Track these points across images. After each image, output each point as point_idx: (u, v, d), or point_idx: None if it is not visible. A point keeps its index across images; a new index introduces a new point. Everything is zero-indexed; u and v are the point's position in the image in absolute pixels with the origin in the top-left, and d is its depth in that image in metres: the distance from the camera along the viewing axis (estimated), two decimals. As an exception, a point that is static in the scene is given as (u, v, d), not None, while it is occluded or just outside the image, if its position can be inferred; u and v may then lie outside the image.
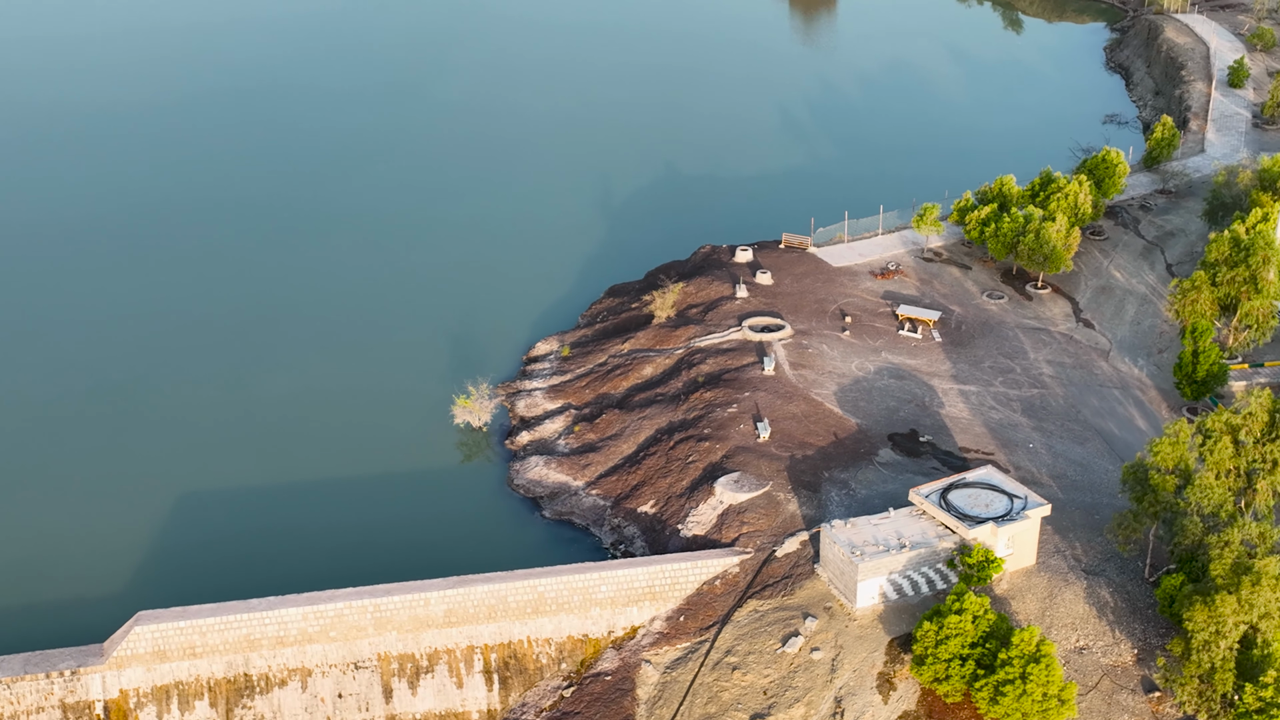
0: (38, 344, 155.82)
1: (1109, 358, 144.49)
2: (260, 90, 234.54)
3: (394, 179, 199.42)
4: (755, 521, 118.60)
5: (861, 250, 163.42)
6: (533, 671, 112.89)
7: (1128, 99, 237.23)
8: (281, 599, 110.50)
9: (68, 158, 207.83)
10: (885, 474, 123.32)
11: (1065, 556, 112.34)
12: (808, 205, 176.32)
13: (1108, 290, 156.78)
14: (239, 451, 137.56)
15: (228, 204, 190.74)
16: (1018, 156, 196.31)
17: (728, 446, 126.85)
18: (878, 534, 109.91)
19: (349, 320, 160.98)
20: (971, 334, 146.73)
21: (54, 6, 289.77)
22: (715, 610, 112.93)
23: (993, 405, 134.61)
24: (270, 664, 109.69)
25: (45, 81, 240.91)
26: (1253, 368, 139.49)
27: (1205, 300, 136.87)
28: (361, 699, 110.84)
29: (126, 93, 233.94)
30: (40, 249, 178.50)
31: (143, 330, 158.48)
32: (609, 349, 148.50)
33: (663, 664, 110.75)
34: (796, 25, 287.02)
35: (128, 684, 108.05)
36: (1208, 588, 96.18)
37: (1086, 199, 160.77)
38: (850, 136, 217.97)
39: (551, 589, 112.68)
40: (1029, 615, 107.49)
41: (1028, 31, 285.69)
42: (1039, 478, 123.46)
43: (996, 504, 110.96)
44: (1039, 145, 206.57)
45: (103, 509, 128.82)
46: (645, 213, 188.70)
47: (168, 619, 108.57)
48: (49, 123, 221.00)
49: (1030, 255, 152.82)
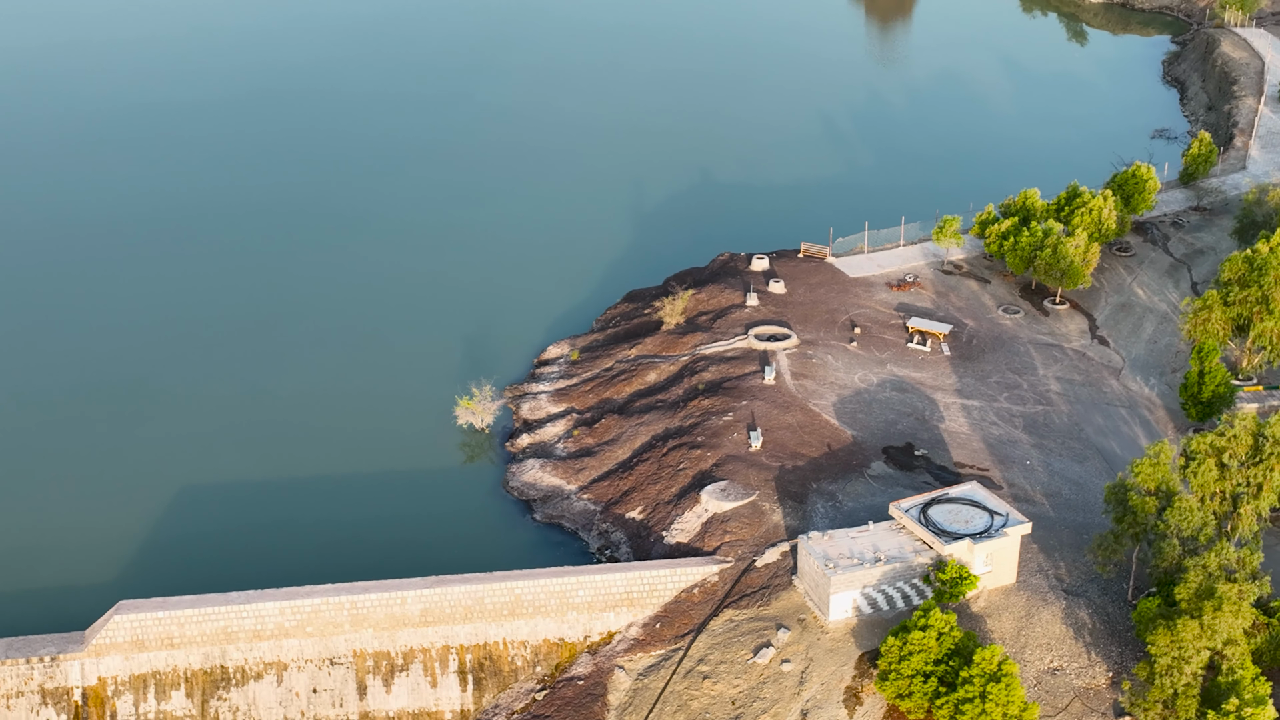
0: (54, 337, 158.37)
1: (1120, 376, 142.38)
2: (300, 94, 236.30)
3: (428, 181, 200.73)
4: (738, 531, 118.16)
5: (880, 261, 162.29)
6: (507, 674, 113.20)
7: (1180, 114, 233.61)
8: (260, 593, 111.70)
9: (111, 157, 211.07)
10: (875, 487, 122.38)
11: (1047, 576, 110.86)
12: (837, 214, 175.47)
13: (1127, 307, 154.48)
14: (244, 446, 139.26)
15: (266, 204, 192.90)
16: (1058, 169, 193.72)
17: (719, 455, 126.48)
18: (854, 547, 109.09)
19: (369, 320, 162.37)
20: (982, 348, 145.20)
21: (105, 11, 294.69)
22: (692, 618, 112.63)
23: (994, 421, 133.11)
24: (247, 657, 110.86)
25: (94, 84, 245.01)
26: (1267, 390, 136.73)
27: (1217, 320, 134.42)
28: (336, 695, 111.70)
29: (172, 95, 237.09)
30: (78, 245, 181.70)
31: (160, 325, 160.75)
32: (616, 354, 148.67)
33: (636, 670, 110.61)
34: (867, 35, 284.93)
35: (106, 672, 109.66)
36: (1172, 612, 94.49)
37: (1111, 214, 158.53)
38: (891, 146, 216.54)
39: (528, 592, 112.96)
40: (1004, 634, 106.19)
41: (1090, 44, 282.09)
42: (1031, 495, 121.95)
43: (977, 520, 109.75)
44: (1081, 158, 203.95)
45: (104, 499, 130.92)
46: (673, 219, 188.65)
47: (147, 609, 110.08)
48: (94, 124, 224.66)
49: (1047, 270, 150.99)
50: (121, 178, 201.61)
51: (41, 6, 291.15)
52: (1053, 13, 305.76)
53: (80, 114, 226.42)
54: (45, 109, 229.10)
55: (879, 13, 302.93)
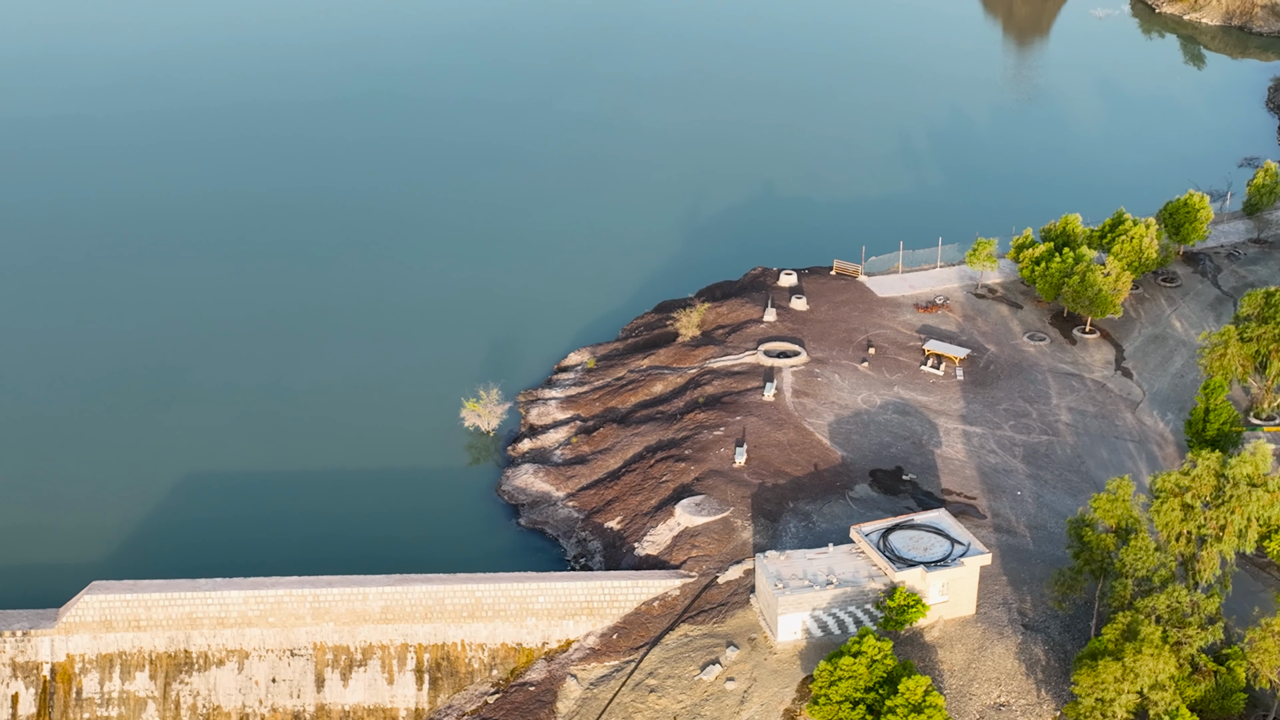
0: (95, 327, 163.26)
1: (1137, 410, 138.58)
2: (381, 98, 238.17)
3: (486, 186, 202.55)
4: (706, 546, 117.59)
5: (913, 282, 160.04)
6: (464, 675, 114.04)
7: (1275, 142, 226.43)
8: (225, 581, 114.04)
9: (189, 154, 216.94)
10: (854, 509, 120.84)
11: (1010, 609, 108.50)
12: (888, 231, 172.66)
13: (1160, 340, 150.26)
14: (253, 436, 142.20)
15: (323, 204, 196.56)
16: (1127, 194, 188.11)
17: (703, 469, 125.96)
18: (810, 568, 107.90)
19: (402, 320, 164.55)
20: (997, 375, 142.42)
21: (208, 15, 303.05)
22: (649, 631, 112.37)
23: (993, 449, 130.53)
24: (210, 643, 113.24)
25: (175, 84, 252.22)
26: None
27: (1233, 356, 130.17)
28: (294, 686, 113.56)
29: (257, 96, 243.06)
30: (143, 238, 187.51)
31: (198, 318, 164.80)
32: (630, 364, 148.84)
33: (588, 680, 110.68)
34: (994, 51, 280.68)
35: (75, 650, 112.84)
36: (1101, 652, 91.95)
37: (1152, 244, 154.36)
38: (965, 165, 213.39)
39: (489, 595, 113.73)
40: (953, 665, 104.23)
41: (1201, 66, 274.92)
42: (1014, 526, 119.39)
43: (937, 548, 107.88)
44: (1160, 183, 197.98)
45: (106, 482, 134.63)
46: (721, 230, 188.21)
47: (117, 591, 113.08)
48: (175, 122, 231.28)
49: (1075, 298, 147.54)
50: (193, 175, 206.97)
51: (159, 11, 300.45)
52: (1171, 34, 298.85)
53: (172, 113, 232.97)
54: (147, 107, 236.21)
55: (1015, 30, 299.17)
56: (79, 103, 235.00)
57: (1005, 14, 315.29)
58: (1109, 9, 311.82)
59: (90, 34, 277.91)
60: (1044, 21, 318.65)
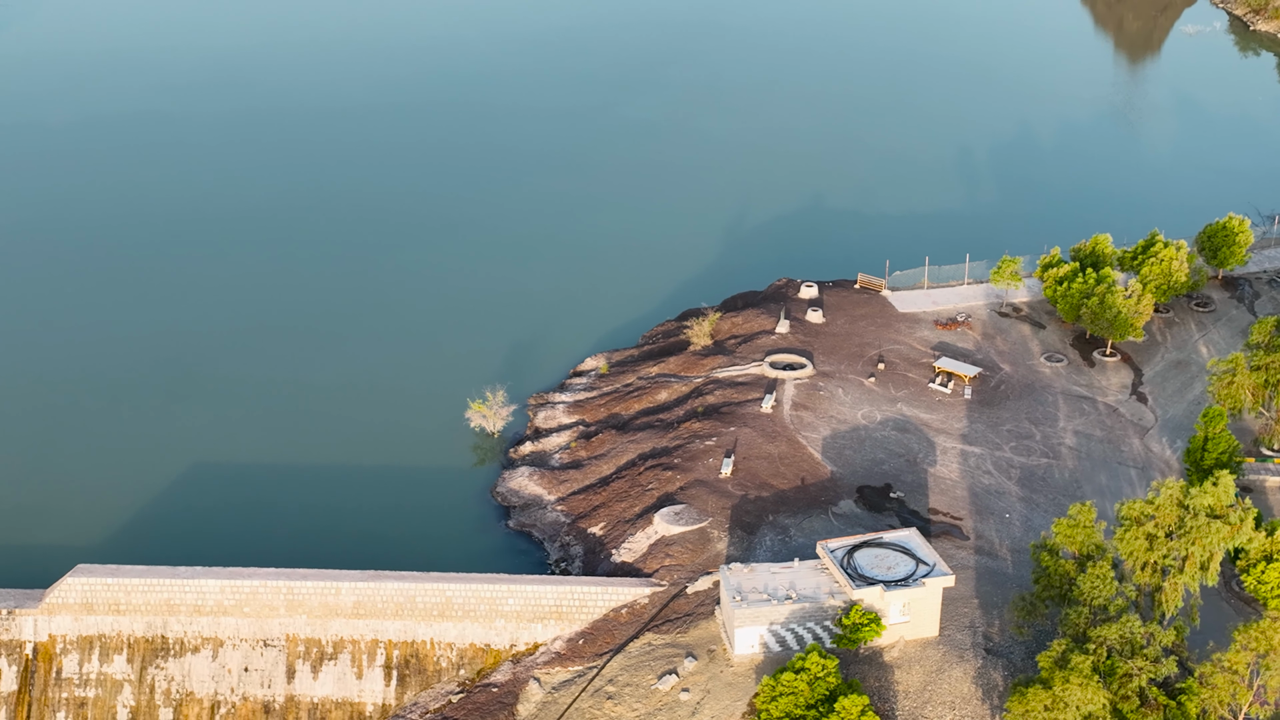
0: (132, 319, 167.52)
1: (1145, 436, 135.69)
2: (449, 104, 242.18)
3: (535, 191, 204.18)
4: (679, 555, 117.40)
5: (937, 298, 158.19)
6: (431, 673, 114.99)
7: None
8: (204, 570, 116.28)
9: (249, 153, 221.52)
10: (835, 525, 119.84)
11: (975, 632, 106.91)
12: (925, 245, 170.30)
13: (1182, 365, 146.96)
14: (262, 430, 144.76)
15: (375, 206, 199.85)
16: (1188, 214, 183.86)
17: (688, 479, 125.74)
18: (772, 583, 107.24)
19: (430, 320, 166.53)
20: (1007, 395, 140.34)
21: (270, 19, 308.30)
22: (615, 638, 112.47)
23: (988, 470, 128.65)
24: (186, 630, 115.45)
25: (247, 85, 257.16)
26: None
27: (1241, 384, 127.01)
28: (266, 676, 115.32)
29: (318, 100, 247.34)
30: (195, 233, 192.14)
31: (221, 313, 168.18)
32: (640, 371, 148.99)
33: (551, 684, 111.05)
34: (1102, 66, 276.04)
35: (57, 630, 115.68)
36: (1033, 679, 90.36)
37: (1182, 267, 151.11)
38: (1020, 180, 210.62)
39: (459, 595, 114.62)
40: (909, 687, 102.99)
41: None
42: (997, 549, 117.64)
43: (901, 568, 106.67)
44: (1219, 204, 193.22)
45: (109, 469, 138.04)
46: (757, 239, 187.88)
47: (99, 574, 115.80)
48: (230, 121, 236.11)
49: (1094, 319, 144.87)
50: (245, 173, 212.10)
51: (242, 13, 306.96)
52: (1267, 51, 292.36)
53: (229, 113, 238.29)
54: (218, 106, 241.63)
55: (1127, 46, 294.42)
56: (159, 99, 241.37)
57: (1116, 29, 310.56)
58: (1200, 25, 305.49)
59: (180, 33, 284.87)
60: (1156, 37, 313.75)
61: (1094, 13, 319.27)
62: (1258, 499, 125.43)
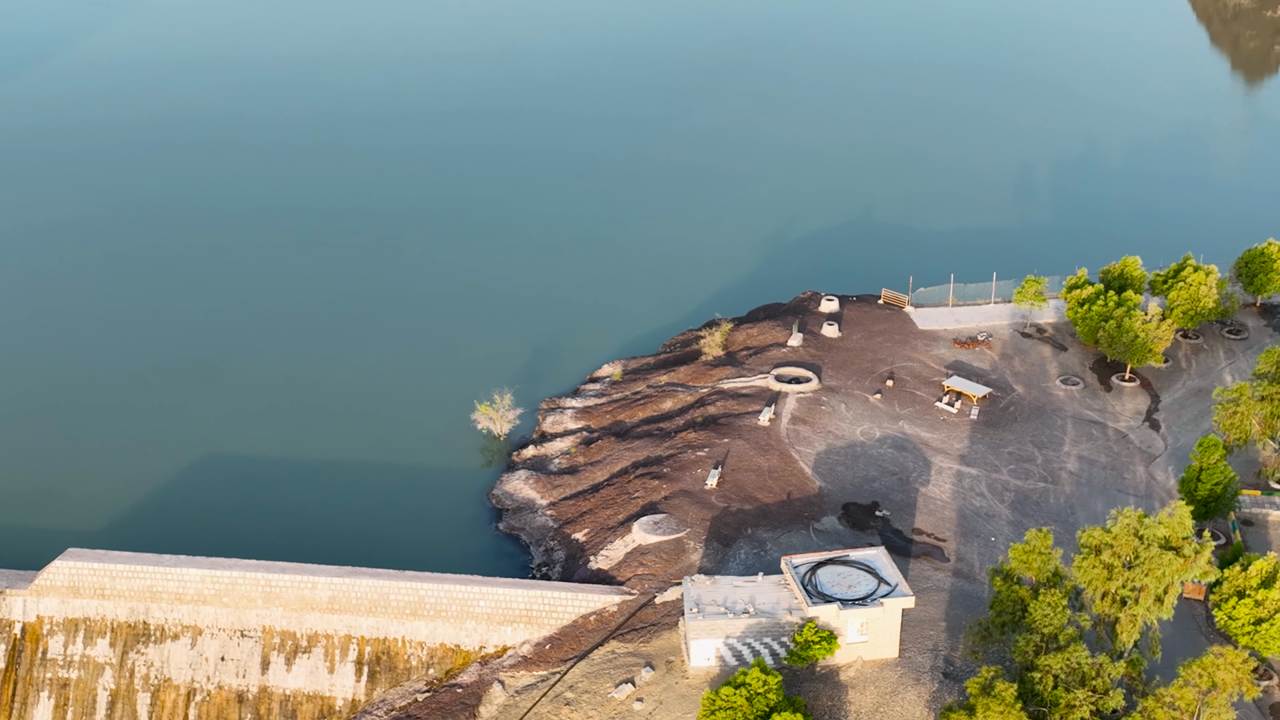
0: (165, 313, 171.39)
1: (1151, 464, 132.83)
2: (508, 112, 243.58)
3: (577, 197, 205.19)
4: (653, 565, 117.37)
5: (960, 316, 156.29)
6: (401, 671, 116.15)
7: None
8: (186, 559, 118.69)
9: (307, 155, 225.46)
10: (814, 541, 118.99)
11: (936, 655, 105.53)
12: (957, 262, 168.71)
13: (1203, 393, 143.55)
14: (270, 424, 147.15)
15: (414, 209, 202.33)
16: (1239, 238, 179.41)
17: (674, 488, 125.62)
18: (733, 596, 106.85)
19: (456, 322, 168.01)
20: (1015, 417, 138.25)
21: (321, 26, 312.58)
22: (581, 644, 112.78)
23: (981, 492, 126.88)
24: (167, 617, 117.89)
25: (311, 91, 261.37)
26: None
27: (1246, 414, 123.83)
28: (241, 665, 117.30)
29: (384, 107, 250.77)
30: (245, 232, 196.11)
31: (247, 307, 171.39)
32: (651, 379, 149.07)
33: (514, 687, 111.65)
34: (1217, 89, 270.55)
35: (44, 612, 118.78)
36: (953, 706, 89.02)
37: (1210, 292, 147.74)
38: (1075, 197, 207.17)
39: (432, 594, 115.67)
40: (860, 708, 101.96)
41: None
42: (974, 573, 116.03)
43: (861, 587, 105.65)
44: (1266, 228, 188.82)
45: (113, 456, 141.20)
46: (793, 250, 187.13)
47: (87, 559, 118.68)
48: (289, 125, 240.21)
49: (1111, 343, 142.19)
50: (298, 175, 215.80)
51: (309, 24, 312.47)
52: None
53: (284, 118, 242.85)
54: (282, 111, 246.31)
55: (1244, 66, 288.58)
56: (205, 101, 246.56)
57: (1232, 48, 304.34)
58: None
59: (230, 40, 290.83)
60: (1274, 58, 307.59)
61: (1210, 31, 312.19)
62: (1257, 533, 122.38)
